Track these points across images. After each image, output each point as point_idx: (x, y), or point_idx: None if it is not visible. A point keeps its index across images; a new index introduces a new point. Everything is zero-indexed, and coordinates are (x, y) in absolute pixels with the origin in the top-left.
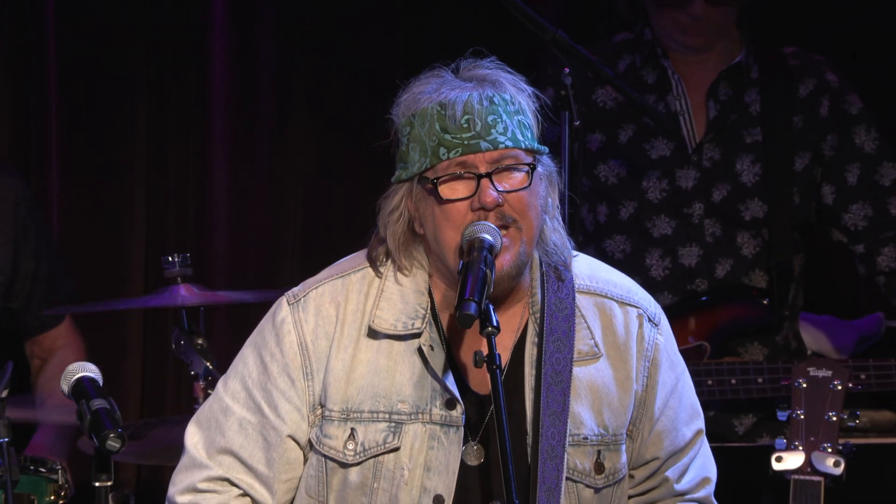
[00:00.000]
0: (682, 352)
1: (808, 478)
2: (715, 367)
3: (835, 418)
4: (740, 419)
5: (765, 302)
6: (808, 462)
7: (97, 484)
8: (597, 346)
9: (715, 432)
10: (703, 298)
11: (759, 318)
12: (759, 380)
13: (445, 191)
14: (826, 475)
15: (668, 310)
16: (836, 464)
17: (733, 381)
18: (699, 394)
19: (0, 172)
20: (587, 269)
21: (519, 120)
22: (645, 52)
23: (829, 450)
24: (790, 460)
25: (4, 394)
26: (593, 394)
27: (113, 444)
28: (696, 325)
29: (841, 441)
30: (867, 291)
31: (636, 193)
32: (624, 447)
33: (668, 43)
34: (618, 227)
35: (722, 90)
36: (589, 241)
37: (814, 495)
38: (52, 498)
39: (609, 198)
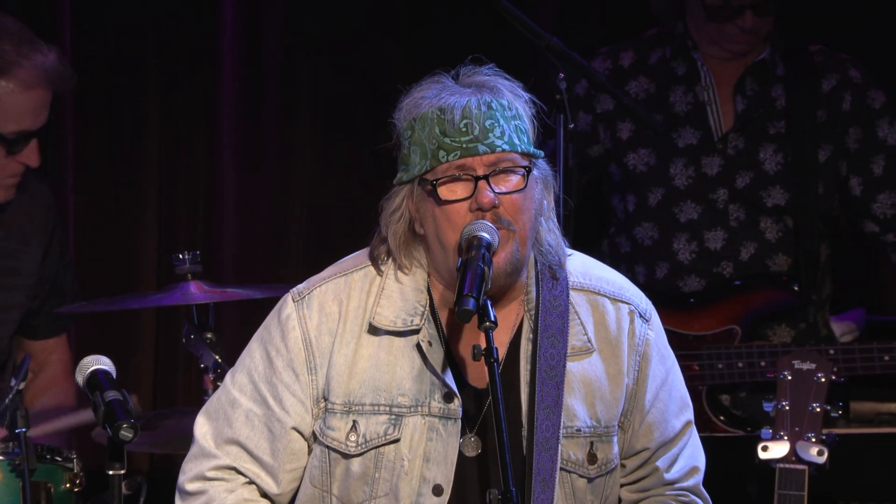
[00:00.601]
0: (714, 335)
1: (792, 466)
2: (745, 350)
3: (818, 409)
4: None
5: (795, 288)
6: (792, 451)
7: (111, 472)
8: (590, 341)
9: (749, 416)
10: (736, 283)
11: (788, 303)
12: None
13: (444, 192)
14: (810, 464)
15: (700, 295)
16: (820, 453)
17: (763, 364)
18: (730, 376)
19: (36, 181)
20: (581, 267)
21: (516, 125)
22: (675, 45)
23: (813, 439)
24: (776, 450)
25: (21, 385)
26: (586, 387)
27: (126, 433)
28: (728, 309)
29: (824, 431)
30: (847, 288)
31: (664, 180)
32: (616, 438)
33: (710, 51)
34: (646, 214)
35: (748, 85)
36: (620, 231)
37: (798, 483)
38: (68, 485)
39: (638, 186)
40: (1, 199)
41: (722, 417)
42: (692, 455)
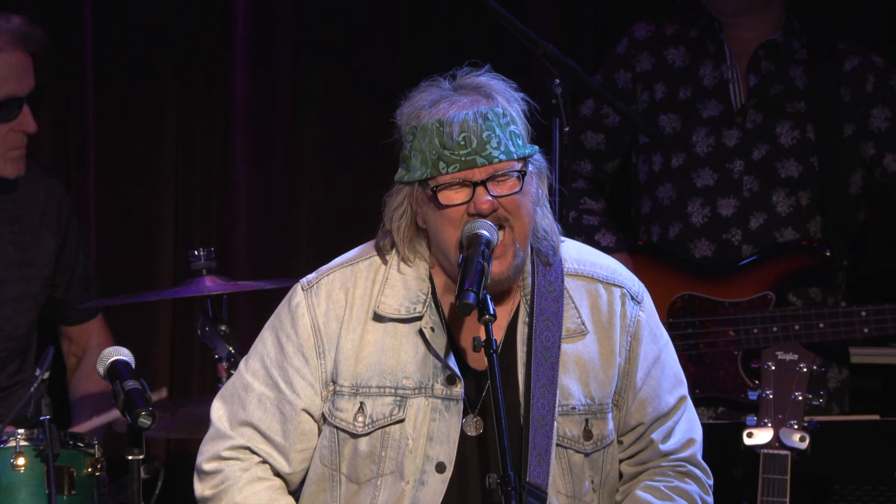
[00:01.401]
0: (749, 302)
1: (776, 452)
2: (780, 313)
3: (801, 398)
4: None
5: (827, 253)
6: (776, 438)
7: (130, 457)
8: (583, 323)
9: None
10: (771, 249)
11: (821, 268)
12: (821, 325)
13: (444, 198)
14: (793, 449)
15: (731, 264)
16: (802, 439)
17: (797, 327)
18: (766, 340)
19: (48, 177)
20: (575, 253)
21: (511, 131)
22: (707, 25)
23: (796, 426)
24: (760, 436)
25: (46, 375)
26: (580, 367)
27: (144, 421)
28: (762, 276)
29: (806, 418)
30: None
31: (686, 146)
32: (610, 415)
33: (711, 12)
34: (668, 175)
35: (764, 64)
36: (642, 192)
37: (781, 468)
38: (90, 470)
39: (664, 148)
40: (12, 174)
41: (757, 381)
42: (688, 428)
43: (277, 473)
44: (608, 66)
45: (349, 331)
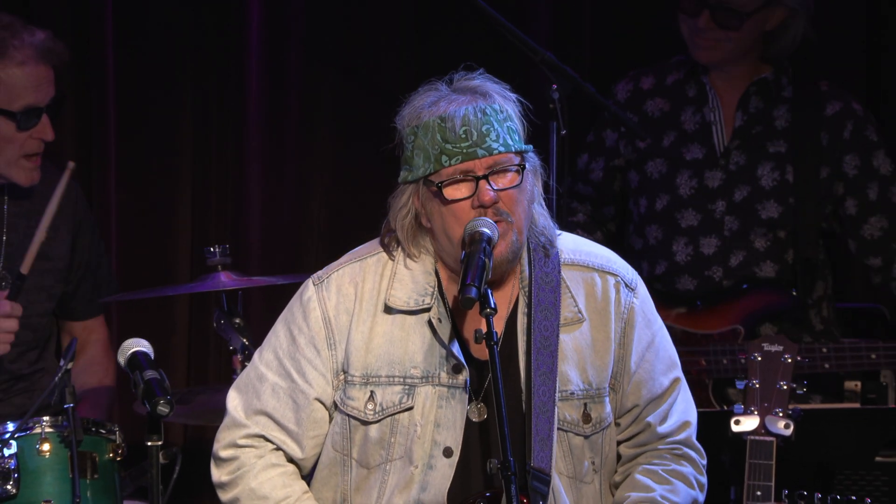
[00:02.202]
0: (720, 334)
1: (762, 438)
2: (746, 347)
3: (785, 387)
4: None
5: (793, 292)
6: (762, 425)
7: (149, 443)
8: (580, 312)
9: None
10: (743, 287)
11: (786, 305)
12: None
13: (449, 193)
14: (778, 436)
15: (707, 297)
16: (787, 426)
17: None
18: (734, 370)
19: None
20: (572, 244)
21: (508, 126)
22: (688, 70)
23: (781, 414)
24: (747, 423)
25: (70, 365)
26: (578, 354)
27: (163, 409)
28: (732, 311)
29: (790, 406)
30: None
31: (671, 188)
32: (608, 399)
33: (711, 73)
34: (654, 217)
35: (752, 103)
36: (634, 231)
37: (767, 454)
38: (111, 455)
39: (650, 191)
40: (25, 183)
41: (725, 406)
42: (683, 410)
43: (291, 459)
44: (597, 125)
45: (359, 323)
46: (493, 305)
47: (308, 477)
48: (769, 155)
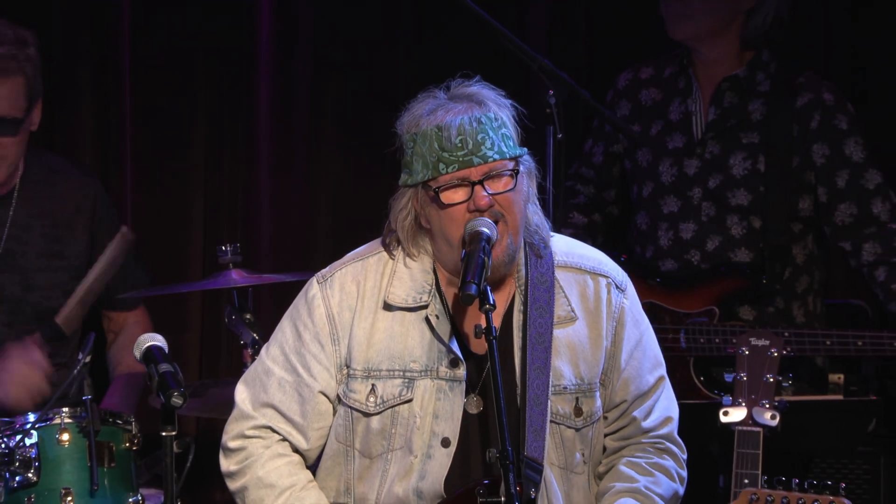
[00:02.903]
0: (698, 314)
1: (749, 429)
2: (720, 328)
3: (772, 380)
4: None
5: (763, 279)
6: (749, 416)
7: (163, 434)
8: (573, 311)
9: (723, 382)
10: (721, 269)
11: (755, 290)
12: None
13: (446, 197)
14: (764, 426)
15: (687, 278)
16: (773, 417)
17: (734, 340)
18: (709, 349)
19: (81, 174)
20: (564, 246)
21: (502, 133)
22: (680, 63)
23: (767, 406)
24: (735, 414)
25: (88, 359)
26: (571, 351)
27: (177, 400)
28: (709, 292)
29: (776, 398)
30: None
31: (654, 176)
32: (598, 394)
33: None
34: (642, 203)
35: (726, 98)
36: (630, 217)
37: (754, 443)
38: (127, 445)
39: (639, 179)
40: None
41: (702, 379)
42: (666, 407)
43: (296, 450)
44: (599, 113)
45: (361, 319)
46: (491, 302)
47: (313, 467)
48: (742, 145)
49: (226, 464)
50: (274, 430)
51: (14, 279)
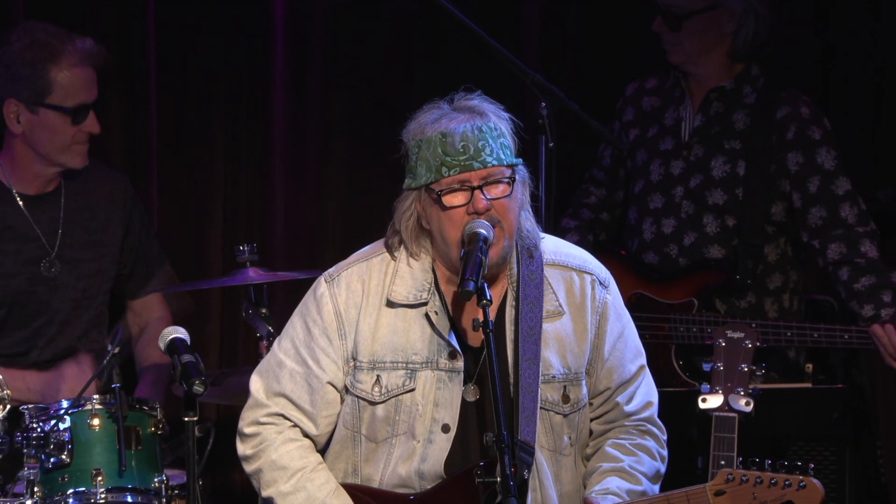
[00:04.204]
0: (679, 304)
1: (725, 414)
2: (697, 318)
3: (746, 369)
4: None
5: (736, 276)
6: (725, 402)
7: (186, 419)
8: (561, 306)
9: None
10: (700, 263)
11: (730, 285)
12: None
13: (447, 200)
14: (739, 412)
15: (670, 271)
16: (747, 403)
17: (709, 330)
18: (688, 338)
19: (114, 173)
20: (553, 246)
21: (501, 142)
22: (676, 76)
23: (742, 393)
24: (712, 401)
25: (117, 350)
26: (559, 343)
27: (198, 388)
28: (689, 284)
29: (751, 386)
30: None
31: (645, 175)
32: (584, 382)
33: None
34: (634, 199)
35: (713, 108)
36: (628, 210)
37: (730, 428)
38: (152, 429)
39: (635, 177)
40: (79, 165)
41: (680, 363)
42: (647, 392)
43: (307, 435)
44: (586, 122)
45: (366, 315)
46: (488, 297)
47: (322, 451)
48: (724, 150)
49: (242, 448)
50: (286, 418)
51: (67, 268)
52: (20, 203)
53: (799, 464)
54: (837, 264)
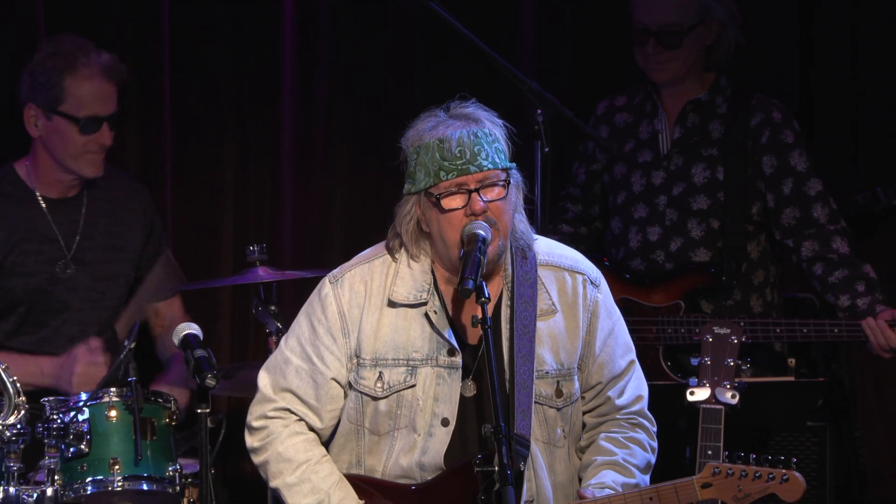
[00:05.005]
0: (666, 307)
1: (712, 406)
2: (685, 319)
3: (732, 363)
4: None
5: (723, 277)
6: (713, 395)
7: (198, 410)
8: (554, 304)
9: (687, 368)
10: (689, 266)
11: (716, 285)
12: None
13: (446, 203)
14: (725, 405)
15: (655, 276)
16: (733, 396)
17: (697, 330)
18: (676, 338)
19: (136, 183)
20: (546, 247)
21: (496, 147)
22: (647, 90)
23: (728, 386)
24: (700, 394)
25: (133, 345)
26: (552, 340)
27: (210, 382)
28: (675, 288)
29: (736, 380)
30: None
31: (627, 186)
32: (576, 377)
33: (659, 87)
34: (617, 210)
35: (689, 119)
36: (607, 222)
37: (717, 419)
38: (167, 420)
39: (615, 190)
40: (90, 174)
41: (669, 364)
42: (637, 386)
43: (312, 428)
44: (581, 129)
45: (369, 315)
46: (487, 295)
47: (326, 443)
48: (703, 158)
49: (250, 440)
50: (292, 412)
51: (85, 270)
52: (43, 205)
53: (782, 458)
54: (811, 261)
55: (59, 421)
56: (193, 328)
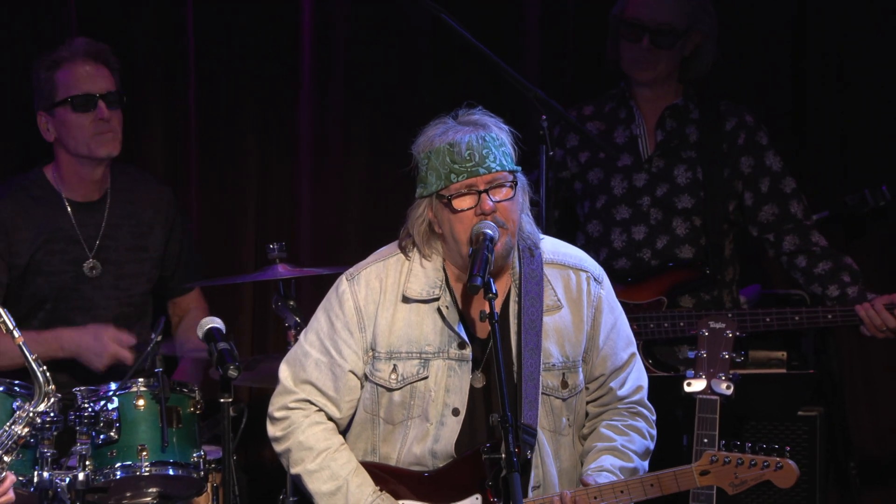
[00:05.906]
0: (648, 304)
1: (708, 397)
2: (669, 314)
3: (727, 356)
4: (681, 349)
5: (707, 270)
6: (708, 386)
7: (221, 400)
8: (559, 300)
9: (668, 362)
10: (669, 265)
11: (698, 280)
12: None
13: (457, 204)
14: (721, 395)
15: (637, 275)
16: (728, 387)
17: (681, 324)
18: (659, 333)
19: (158, 183)
20: (551, 246)
21: (503, 150)
22: (620, 98)
23: (723, 378)
24: (696, 385)
25: (159, 338)
26: (558, 334)
27: (232, 373)
28: (657, 285)
29: (731, 372)
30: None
31: (607, 190)
32: (580, 369)
33: (629, 77)
34: (595, 214)
35: (668, 123)
36: (579, 229)
37: (712, 409)
38: (192, 409)
39: (591, 195)
40: (104, 154)
41: (650, 361)
42: (637, 377)
43: (330, 418)
44: (582, 132)
45: (384, 310)
46: (494, 291)
47: (344, 432)
48: (683, 160)
49: (272, 430)
50: (312, 403)
51: (108, 270)
52: (68, 208)
53: (776, 446)
54: (793, 254)
55: (90, 409)
56: (217, 322)
